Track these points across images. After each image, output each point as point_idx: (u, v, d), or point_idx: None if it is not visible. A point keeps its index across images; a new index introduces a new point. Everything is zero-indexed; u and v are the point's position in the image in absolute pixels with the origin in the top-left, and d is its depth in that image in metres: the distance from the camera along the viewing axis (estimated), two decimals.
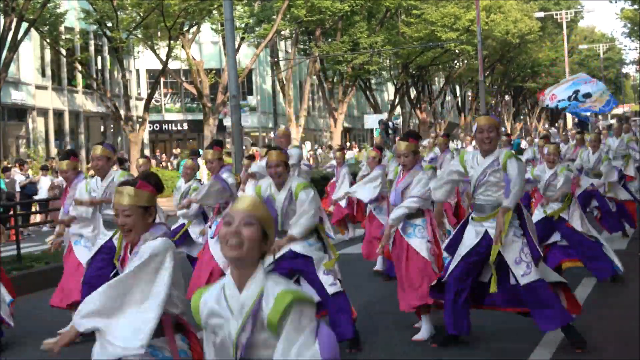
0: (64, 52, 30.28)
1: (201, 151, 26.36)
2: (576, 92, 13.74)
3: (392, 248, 6.69)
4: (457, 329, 6.10)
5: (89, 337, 3.92)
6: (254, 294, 2.67)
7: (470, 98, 59.84)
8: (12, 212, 13.42)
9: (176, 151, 35.16)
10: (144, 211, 3.73)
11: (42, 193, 18.74)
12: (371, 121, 39.17)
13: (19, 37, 22.72)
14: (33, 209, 18.63)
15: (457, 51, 43.56)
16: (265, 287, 2.67)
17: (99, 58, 38.27)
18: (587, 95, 13.72)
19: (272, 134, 46.88)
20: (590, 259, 8.24)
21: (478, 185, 5.94)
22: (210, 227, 8.00)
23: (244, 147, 17.25)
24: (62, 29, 29.88)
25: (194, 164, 10.13)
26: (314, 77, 41.93)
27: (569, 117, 57.74)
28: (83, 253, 7.26)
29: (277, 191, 6.00)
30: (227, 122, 33.65)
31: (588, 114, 14.82)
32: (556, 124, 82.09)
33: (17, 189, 18.67)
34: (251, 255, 2.67)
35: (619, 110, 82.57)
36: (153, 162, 29.61)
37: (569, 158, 12.54)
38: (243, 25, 33.26)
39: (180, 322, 3.78)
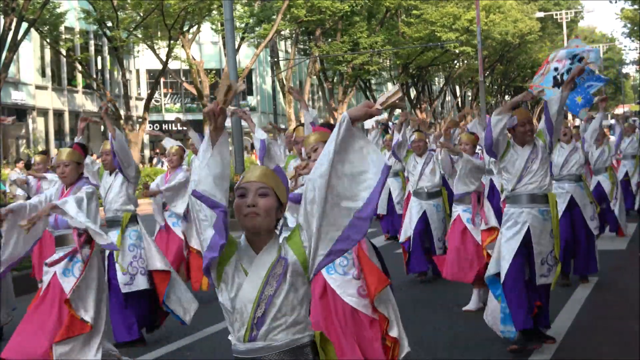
0: (64, 52, 30.29)
1: None
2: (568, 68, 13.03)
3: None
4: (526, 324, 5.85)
5: None
6: (272, 257, 2.71)
7: (470, 98, 59.86)
8: None
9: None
10: None
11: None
12: (371, 121, 39.12)
13: (19, 37, 22.73)
14: None
15: (456, 51, 43.57)
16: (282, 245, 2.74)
17: (99, 58, 38.27)
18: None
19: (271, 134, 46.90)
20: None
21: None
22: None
23: (244, 149, 17.26)
24: (62, 29, 29.91)
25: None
26: (314, 77, 41.92)
27: (569, 116, 57.76)
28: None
29: None
30: (227, 122, 33.62)
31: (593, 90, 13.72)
32: None
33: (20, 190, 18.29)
34: (268, 224, 2.71)
35: (619, 111, 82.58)
36: (153, 160, 29.57)
37: None
38: (243, 25, 33.27)
39: None
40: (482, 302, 7.27)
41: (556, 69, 10.02)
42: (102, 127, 39.39)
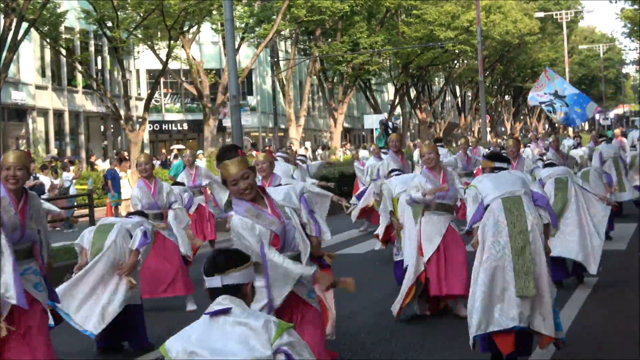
0: (64, 52, 30.25)
1: (201, 151, 26.34)
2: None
3: None
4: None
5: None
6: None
7: (470, 98, 59.88)
8: None
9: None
10: None
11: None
12: (371, 121, 39.18)
13: (19, 37, 22.70)
14: None
15: (456, 51, 43.61)
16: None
17: (99, 58, 38.27)
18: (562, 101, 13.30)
19: (272, 134, 46.88)
20: None
21: None
22: None
23: (244, 148, 17.22)
24: (62, 29, 29.85)
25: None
26: (314, 77, 41.93)
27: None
28: None
29: None
30: (227, 122, 33.61)
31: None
32: (556, 124, 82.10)
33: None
34: (256, 188, 4.10)
35: (619, 110, 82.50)
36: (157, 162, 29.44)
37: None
38: (243, 25, 33.26)
39: None
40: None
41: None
42: (102, 127, 39.39)
